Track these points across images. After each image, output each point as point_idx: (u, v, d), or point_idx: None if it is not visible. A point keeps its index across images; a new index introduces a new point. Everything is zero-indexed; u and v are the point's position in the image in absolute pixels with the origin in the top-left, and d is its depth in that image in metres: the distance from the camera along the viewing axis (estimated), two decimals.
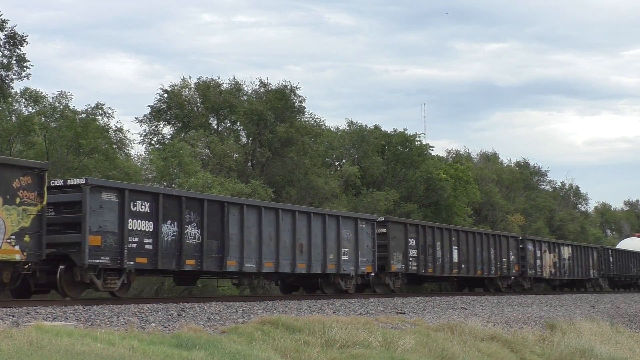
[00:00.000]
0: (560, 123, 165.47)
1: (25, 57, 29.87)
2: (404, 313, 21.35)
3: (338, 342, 14.79)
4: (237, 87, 42.69)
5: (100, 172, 29.77)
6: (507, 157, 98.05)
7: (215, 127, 42.56)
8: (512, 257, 37.34)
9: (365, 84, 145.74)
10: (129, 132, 36.10)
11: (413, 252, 29.77)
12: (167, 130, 41.68)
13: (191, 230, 20.31)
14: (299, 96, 41.48)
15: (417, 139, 49.55)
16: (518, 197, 68.43)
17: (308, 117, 43.28)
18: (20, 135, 31.07)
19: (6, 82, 30.04)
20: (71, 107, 32.32)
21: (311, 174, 40.98)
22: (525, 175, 73.88)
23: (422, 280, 33.05)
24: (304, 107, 42.01)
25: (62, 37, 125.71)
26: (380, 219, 28.83)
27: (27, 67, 30.04)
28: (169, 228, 19.69)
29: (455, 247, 32.59)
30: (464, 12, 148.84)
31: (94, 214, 17.95)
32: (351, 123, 49.33)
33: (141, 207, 19.07)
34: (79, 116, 31.89)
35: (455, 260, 32.56)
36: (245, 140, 42.32)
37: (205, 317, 16.08)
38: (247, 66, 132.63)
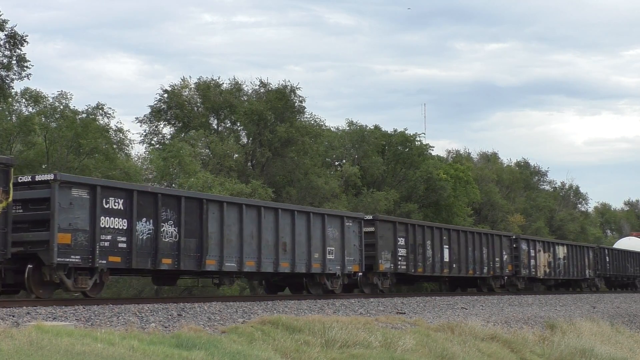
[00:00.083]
0: (560, 123, 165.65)
1: (25, 57, 29.92)
2: (404, 313, 21.34)
3: (338, 342, 14.79)
4: (237, 87, 42.72)
5: (100, 172, 29.77)
6: (507, 157, 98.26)
7: (215, 127, 42.57)
8: (505, 257, 36.70)
9: (365, 84, 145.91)
10: (129, 132, 36.16)
11: (402, 252, 29.05)
12: (167, 130, 41.78)
13: (168, 228, 19.66)
14: (299, 96, 41.57)
15: (417, 139, 49.64)
16: (518, 197, 68.47)
17: (308, 117, 43.36)
18: (20, 135, 31.08)
19: (6, 82, 30.06)
20: (71, 107, 32.37)
21: (311, 174, 40.99)
22: (525, 175, 73.93)
23: (412, 280, 32.45)
24: (304, 107, 42.12)
25: (62, 37, 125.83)
26: (368, 217, 28.16)
27: (27, 67, 30.10)
28: (144, 226, 19.04)
29: (446, 246, 31.93)
30: (464, 12, 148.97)
31: (64, 211, 17.28)
32: (351, 123, 49.40)
33: (114, 204, 18.41)
34: (79, 116, 31.91)
35: (446, 259, 31.89)
36: (245, 140, 42.34)
37: (206, 317, 16.08)
38: (247, 66, 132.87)
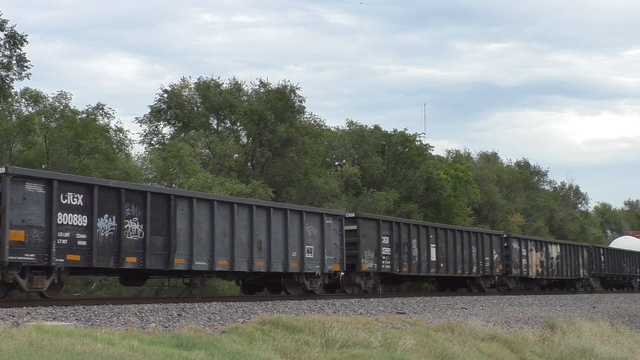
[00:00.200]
0: (560, 123, 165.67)
1: (25, 57, 29.95)
2: (404, 313, 21.35)
3: (338, 342, 14.79)
4: (237, 87, 42.74)
5: (100, 173, 29.79)
6: (507, 157, 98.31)
7: (215, 127, 42.58)
8: (495, 256, 35.74)
9: (366, 84, 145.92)
10: (129, 132, 36.18)
11: (386, 250, 28.04)
12: (167, 130, 41.79)
13: (132, 225, 18.77)
14: (299, 96, 41.59)
15: (417, 139, 49.66)
16: (518, 197, 68.50)
17: (308, 117, 43.38)
18: (20, 135, 31.09)
19: (6, 82, 30.07)
20: (71, 107, 32.38)
21: (311, 174, 41.01)
22: (525, 175, 73.97)
23: (398, 280, 31.56)
24: (304, 107, 42.13)
25: (62, 37, 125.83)
26: (350, 215, 27.24)
27: (27, 67, 30.13)
28: (106, 223, 18.13)
29: (433, 245, 30.91)
30: (464, 12, 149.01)
31: (16, 207, 16.39)
32: (351, 123, 49.43)
33: (73, 199, 17.48)
34: (79, 116, 31.92)
35: (433, 259, 30.88)
36: (245, 140, 42.36)
37: (206, 317, 16.08)
38: (247, 66, 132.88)
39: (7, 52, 29.61)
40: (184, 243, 20.09)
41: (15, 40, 29.47)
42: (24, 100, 32.45)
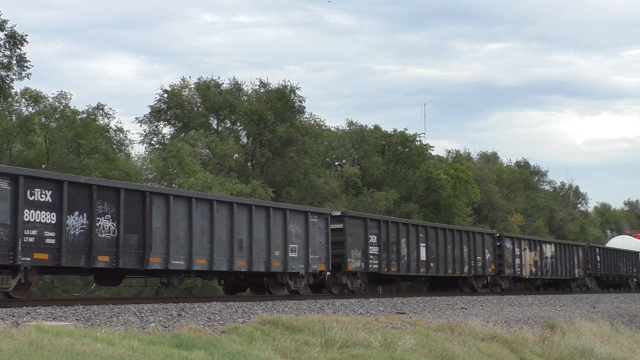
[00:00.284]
0: (560, 123, 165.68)
1: (25, 57, 29.97)
2: (404, 313, 21.35)
3: (338, 342, 14.79)
4: (237, 87, 42.78)
5: (100, 173, 29.79)
6: (507, 157, 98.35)
7: (215, 127, 42.61)
8: (487, 255, 35.01)
9: (365, 84, 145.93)
10: (129, 132, 36.20)
11: (374, 250, 27.30)
12: (167, 130, 41.82)
13: (105, 223, 18.05)
14: (299, 96, 41.61)
15: (417, 139, 49.68)
16: (518, 197, 68.54)
17: (308, 117, 43.41)
18: (20, 135, 31.09)
19: (6, 82, 30.08)
20: (71, 107, 32.39)
21: (311, 174, 41.03)
22: (525, 175, 74.02)
23: (387, 280, 30.90)
24: (304, 107, 42.16)
25: (62, 37, 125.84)
26: (336, 213, 26.42)
27: (27, 67, 30.15)
28: (76, 220, 17.44)
29: (423, 244, 30.16)
30: (464, 12, 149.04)
31: None
32: (351, 123, 49.45)
33: (41, 196, 16.79)
34: (79, 116, 31.94)
35: (422, 258, 30.10)
36: (245, 140, 42.38)
37: (205, 317, 16.08)
38: (247, 66, 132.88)
39: (7, 52, 29.65)
40: (160, 242, 19.39)
41: (15, 40, 29.49)
42: (24, 100, 32.47)
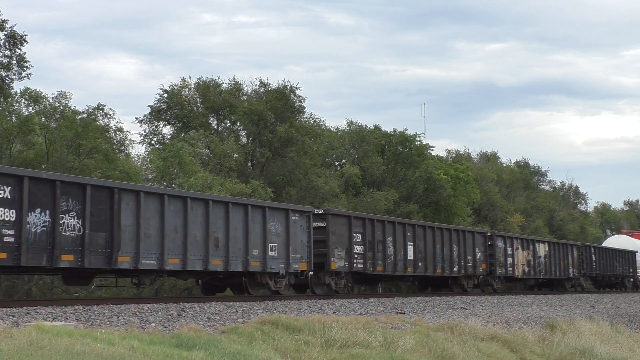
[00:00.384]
0: (560, 123, 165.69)
1: (25, 57, 29.96)
2: (404, 313, 21.35)
3: (338, 342, 14.79)
4: (237, 87, 42.78)
5: (100, 173, 29.80)
6: (507, 157, 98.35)
7: (215, 127, 42.62)
8: (478, 255, 34.20)
9: (365, 84, 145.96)
10: (129, 132, 36.24)
11: (359, 249, 26.50)
12: (167, 130, 41.83)
13: (69, 221, 17.32)
14: (299, 96, 41.62)
15: (417, 139, 49.68)
16: (518, 197, 68.56)
17: (308, 117, 43.42)
18: (20, 135, 31.09)
19: (6, 82, 30.08)
20: (71, 108, 32.41)
21: (311, 174, 41.03)
22: (525, 175, 74.06)
23: (373, 280, 29.91)
24: (304, 107, 42.16)
25: (62, 37, 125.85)
26: (319, 211, 25.69)
27: (27, 67, 30.14)
28: (37, 218, 16.69)
29: (410, 243, 29.37)
30: (464, 12, 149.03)
31: None
32: (351, 123, 49.46)
33: None
34: (79, 116, 31.94)
35: (410, 257, 29.30)
36: (245, 140, 42.39)
37: (205, 317, 16.08)
38: (247, 66, 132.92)
39: (7, 52, 29.65)
40: (129, 240, 18.64)
41: (15, 40, 29.49)
42: (24, 100, 32.48)
